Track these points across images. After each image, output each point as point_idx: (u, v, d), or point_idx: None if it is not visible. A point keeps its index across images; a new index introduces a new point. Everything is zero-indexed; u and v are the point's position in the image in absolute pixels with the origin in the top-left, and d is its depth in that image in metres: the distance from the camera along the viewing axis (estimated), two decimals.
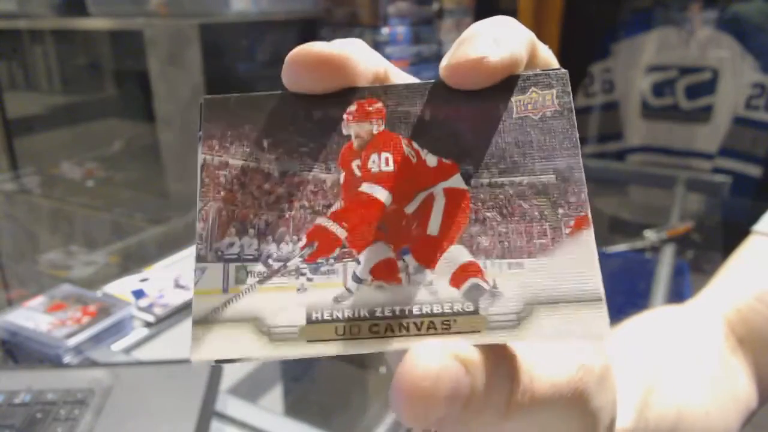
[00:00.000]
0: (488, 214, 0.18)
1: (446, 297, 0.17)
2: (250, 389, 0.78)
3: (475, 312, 0.17)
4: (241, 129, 0.18)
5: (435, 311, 0.17)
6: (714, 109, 1.99)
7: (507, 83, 0.18)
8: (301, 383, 0.92)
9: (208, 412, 0.59)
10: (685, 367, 0.37)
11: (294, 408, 0.87)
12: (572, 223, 0.18)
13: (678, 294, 1.06)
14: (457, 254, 0.18)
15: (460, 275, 0.17)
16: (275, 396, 0.83)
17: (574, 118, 0.18)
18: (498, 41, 0.18)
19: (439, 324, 0.17)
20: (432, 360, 0.15)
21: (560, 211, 0.18)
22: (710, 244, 1.35)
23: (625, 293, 1.04)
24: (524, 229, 0.18)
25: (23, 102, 1.98)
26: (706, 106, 2.00)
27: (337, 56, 0.18)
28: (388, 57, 0.21)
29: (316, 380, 0.93)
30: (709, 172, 1.95)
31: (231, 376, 0.73)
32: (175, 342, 0.79)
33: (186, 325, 0.83)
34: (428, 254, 0.18)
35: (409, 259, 0.18)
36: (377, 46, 1.77)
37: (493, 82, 0.18)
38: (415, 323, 0.17)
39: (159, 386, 0.63)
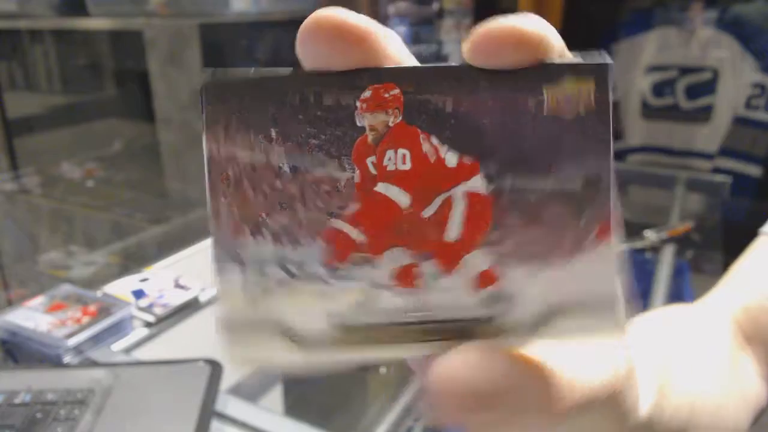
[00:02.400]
0: (509, 220, 0.17)
1: (464, 304, 0.17)
2: (250, 389, 0.78)
3: (493, 319, 0.17)
4: (247, 115, 0.17)
5: (454, 317, 0.18)
6: (714, 109, 1.99)
7: (538, 71, 0.17)
8: (301, 383, 0.92)
9: (208, 412, 0.59)
10: (695, 364, 0.37)
11: (294, 408, 0.87)
12: (595, 232, 0.17)
13: (678, 294, 1.06)
14: (475, 261, 0.17)
15: (478, 282, 0.17)
16: (275, 396, 0.83)
17: (611, 117, 0.17)
18: (530, 17, 0.16)
19: (458, 330, 0.18)
20: (468, 359, 0.16)
21: (583, 219, 0.17)
22: (710, 244, 1.35)
23: None
24: (544, 237, 0.17)
25: (23, 102, 1.99)
26: (706, 106, 2.00)
27: (363, 26, 0.16)
28: None
29: (316, 380, 0.93)
30: (709, 172, 1.95)
31: (231, 376, 0.73)
32: (175, 342, 0.79)
33: (186, 325, 0.83)
34: (446, 261, 0.17)
35: (427, 266, 0.17)
36: None
37: (525, 59, 0.16)
38: (435, 329, 0.18)
39: (159, 386, 0.63)
